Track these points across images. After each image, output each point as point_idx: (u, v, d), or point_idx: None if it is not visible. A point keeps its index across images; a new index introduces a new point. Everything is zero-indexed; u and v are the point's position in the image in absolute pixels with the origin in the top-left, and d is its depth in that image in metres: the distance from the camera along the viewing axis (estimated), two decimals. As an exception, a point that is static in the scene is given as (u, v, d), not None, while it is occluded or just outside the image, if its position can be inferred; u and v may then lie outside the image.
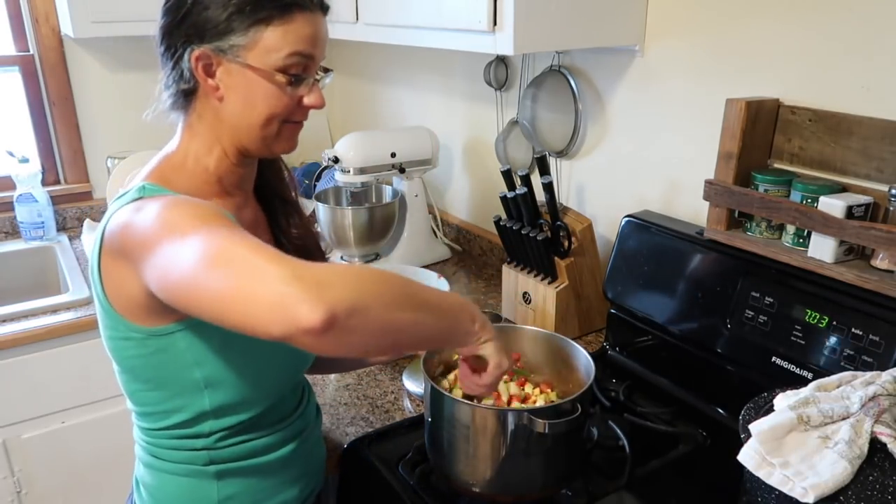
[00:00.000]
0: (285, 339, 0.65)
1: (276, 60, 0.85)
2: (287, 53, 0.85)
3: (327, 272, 0.67)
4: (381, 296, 0.70)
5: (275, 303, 0.64)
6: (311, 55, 0.87)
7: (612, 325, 1.40)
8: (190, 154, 0.91)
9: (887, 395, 0.76)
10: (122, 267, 0.80)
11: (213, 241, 0.70)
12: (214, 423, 0.92)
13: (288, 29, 0.85)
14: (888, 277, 0.98)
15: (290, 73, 0.86)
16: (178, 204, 0.78)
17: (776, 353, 1.07)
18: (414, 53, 2.10)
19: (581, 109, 1.56)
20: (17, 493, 1.81)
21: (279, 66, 0.85)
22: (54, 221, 2.19)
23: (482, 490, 0.99)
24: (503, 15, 1.20)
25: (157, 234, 0.74)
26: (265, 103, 0.87)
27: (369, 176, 1.85)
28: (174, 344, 0.86)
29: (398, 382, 1.36)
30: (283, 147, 0.93)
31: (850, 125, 1.06)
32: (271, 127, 0.89)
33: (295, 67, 0.86)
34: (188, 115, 0.91)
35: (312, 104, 0.90)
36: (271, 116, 0.88)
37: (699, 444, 1.14)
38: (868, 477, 0.71)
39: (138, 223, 0.78)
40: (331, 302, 0.64)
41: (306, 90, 0.89)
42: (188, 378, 0.89)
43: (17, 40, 2.19)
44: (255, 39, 0.84)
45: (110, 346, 0.91)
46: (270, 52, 0.84)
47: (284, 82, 0.86)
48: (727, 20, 1.23)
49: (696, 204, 1.31)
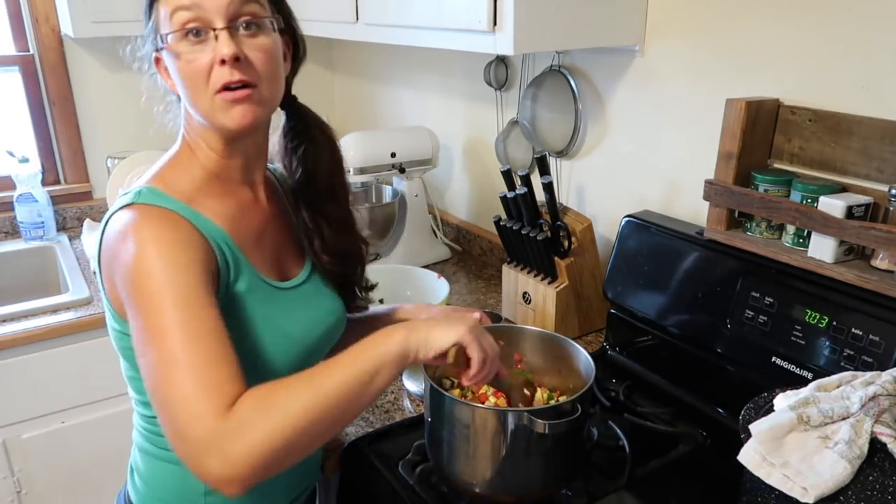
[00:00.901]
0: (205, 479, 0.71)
1: (169, 28, 0.82)
2: (170, 13, 0.82)
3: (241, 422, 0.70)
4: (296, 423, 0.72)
5: (189, 452, 0.70)
6: (193, 3, 0.81)
7: (612, 325, 1.40)
8: (186, 152, 0.91)
9: (887, 395, 0.76)
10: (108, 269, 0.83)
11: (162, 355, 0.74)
12: None
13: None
14: (888, 277, 0.98)
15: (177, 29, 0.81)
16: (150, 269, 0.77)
17: (776, 353, 1.07)
18: (414, 53, 2.10)
19: (581, 109, 1.56)
20: (17, 493, 1.81)
21: (171, 31, 0.82)
22: (54, 221, 2.19)
23: (482, 490, 0.99)
24: (503, 15, 1.20)
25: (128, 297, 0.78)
26: (180, 75, 0.84)
27: (369, 176, 1.85)
28: None
29: (398, 382, 1.36)
30: (224, 120, 0.84)
31: (850, 125, 1.06)
32: (203, 100, 0.84)
33: (185, 23, 0.81)
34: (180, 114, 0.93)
35: (220, 57, 0.81)
36: (193, 87, 0.83)
37: (699, 444, 1.14)
38: (868, 477, 0.71)
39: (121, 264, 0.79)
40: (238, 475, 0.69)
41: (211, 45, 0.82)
42: None
43: (17, 40, 2.19)
44: (156, 19, 0.84)
45: (111, 335, 0.92)
46: (164, 22, 0.83)
47: (177, 42, 0.82)
48: (727, 20, 1.23)
49: (696, 204, 1.31)
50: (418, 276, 1.62)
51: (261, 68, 0.84)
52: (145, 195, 0.84)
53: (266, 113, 0.89)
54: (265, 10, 0.86)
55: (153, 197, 0.84)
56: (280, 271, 0.98)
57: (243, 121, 0.84)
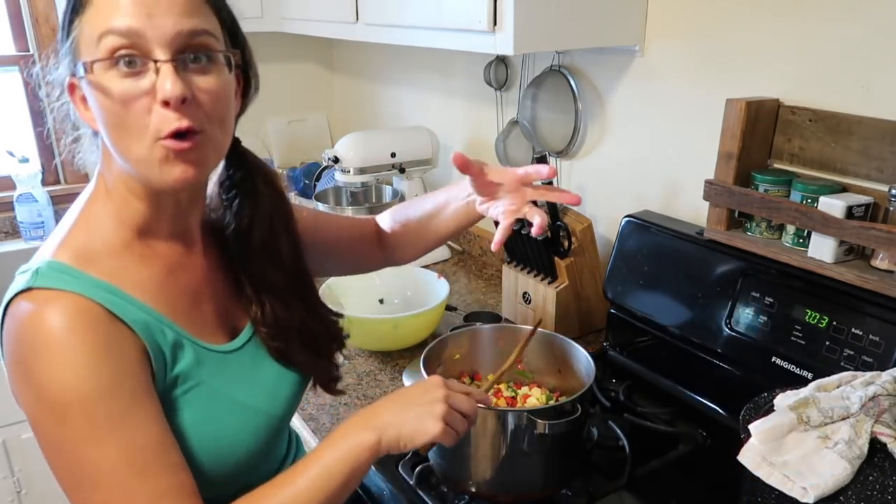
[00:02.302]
0: None
1: (94, 53, 0.65)
2: (97, 37, 0.65)
3: None
4: None
5: None
6: (131, 28, 0.64)
7: (612, 325, 1.40)
8: (104, 206, 0.75)
9: (887, 395, 0.76)
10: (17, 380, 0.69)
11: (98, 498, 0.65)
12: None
13: (97, 4, 0.65)
14: (888, 277, 0.98)
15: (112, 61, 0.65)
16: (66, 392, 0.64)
17: (776, 353, 1.07)
18: (414, 53, 2.10)
19: (581, 109, 1.56)
20: (17, 493, 1.81)
21: (97, 59, 0.65)
22: (54, 221, 2.19)
23: (482, 490, 0.99)
24: (503, 15, 1.20)
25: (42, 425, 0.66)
26: (104, 113, 0.67)
27: (369, 176, 1.85)
28: None
29: (398, 382, 1.36)
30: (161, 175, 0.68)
31: (850, 125, 1.06)
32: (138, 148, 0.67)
33: (116, 50, 0.65)
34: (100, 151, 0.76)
35: (161, 98, 0.65)
36: (122, 130, 0.67)
37: (699, 444, 1.14)
38: (868, 477, 0.71)
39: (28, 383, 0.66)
40: None
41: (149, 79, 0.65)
42: None
43: (17, 40, 2.19)
44: (77, 39, 0.67)
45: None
46: (88, 45, 0.66)
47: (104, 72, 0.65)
48: (727, 20, 1.23)
49: (696, 204, 1.31)
50: (418, 276, 1.62)
51: (210, 111, 0.69)
52: (47, 275, 0.68)
53: (212, 166, 0.74)
54: (219, 42, 0.71)
55: (59, 278, 0.68)
56: (227, 328, 0.83)
57: (184, 180, 0.69)
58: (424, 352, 1.05)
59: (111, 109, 0.67)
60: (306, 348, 0.88)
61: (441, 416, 0.76)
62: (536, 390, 1.11)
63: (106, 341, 0.67)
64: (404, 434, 0.75)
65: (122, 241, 0.75)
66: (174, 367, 0.74)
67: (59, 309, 0.66)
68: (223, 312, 0.84)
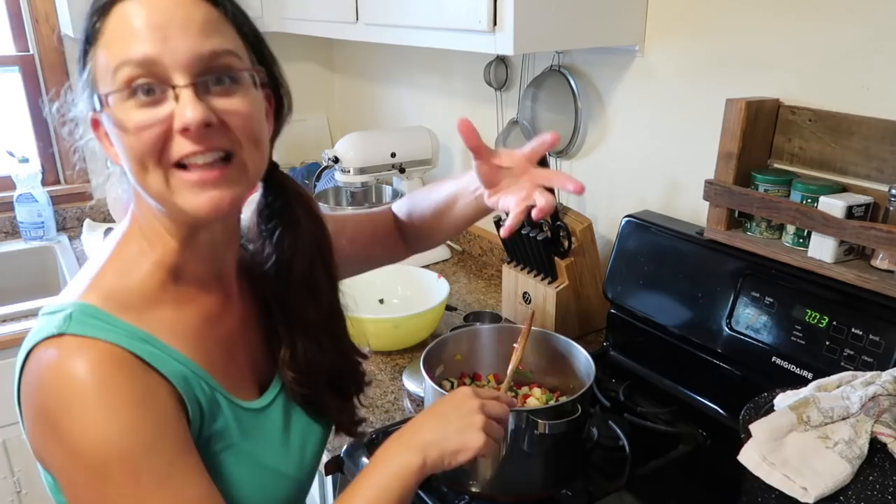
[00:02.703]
0: None
1: (111, 85, 0.62)
2: (114, 67, 0.61)
3: None
4: None
5: None
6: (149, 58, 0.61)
7: (612, 325, 1.40)
8: (138, 245, 0.71)
9: (887, 395, 0.76)
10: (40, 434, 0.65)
11: None
12: None
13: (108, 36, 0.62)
14: (888, 277, 0.98)
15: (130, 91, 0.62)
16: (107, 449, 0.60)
17: (776, 353, 1.07)
18: (414, 53, 2.10)
19: (581, 109, 1.56)
20: (17, 493, 1.81)
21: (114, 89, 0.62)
22: (54, 221, 2.20)
23: (482, 490, 0.99)
24: (503, 15, 1.20)
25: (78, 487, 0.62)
26: (121, 146, 0.64)
27: (369, 176, 1.85)
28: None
29: (398, 382, 1.36)
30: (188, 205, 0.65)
31: (850, 125, 1.06)
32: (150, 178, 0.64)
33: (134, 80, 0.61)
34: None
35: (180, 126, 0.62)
36: (137, 162, 0.63)
37: (699, 444, 1.14)
38: (868, 477, 0.71)
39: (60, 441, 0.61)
40: None
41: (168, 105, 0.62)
42: None
43: (17, 40, 2.19)
44: (93, 69, 0.64)
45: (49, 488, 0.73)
46: (104, 76, 0.63)
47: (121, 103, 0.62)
48: (727, 20, 1.23)
49: (696, 204, 1.31)
50: (418, 276, 1.62)
51: (241, 132, 0.65)
52: (80, 321, 0.63)
53: (246, 191, 0.69)
54: (243, 61, 0.67)
55: (92, 325, 0.63)
56: (256, 382, 0.80)
57: (217, 209, 0.65)
58: (424, 352, 1.05)
59: (129, 142, 0.63)
60: (334, 392, 0.85)
61: (481, 427, 0.75)
62: (536, 390, 1.11)
63: (144, 393, 0.63)
64: (447, 452, 0.73)
65: (157, 283, 0.70)
66: (211, 425, 0.70)
67: (92, 359, 0.62)
68: (253, 365, 0.80)
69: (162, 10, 0.61)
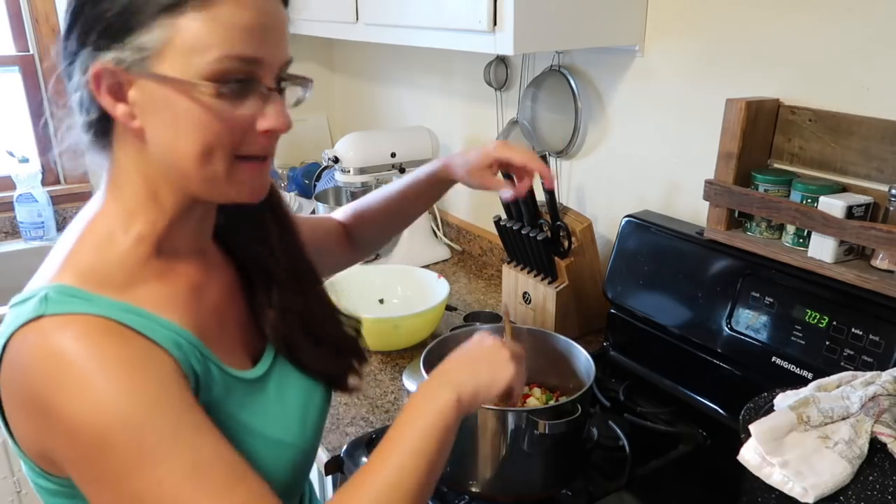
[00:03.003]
0: None
1: (201, 66, 0.60)
2: (217, 56, 0.60)
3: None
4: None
5: None
6: (255, 58, 0.61)
7: (612, 325, 1.40)
8: (117, 220, 0.67)
9: (887, 395, 0.76)
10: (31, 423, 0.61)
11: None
12: None
13: (214, 17, 0.59)
14: (888, 277, 0.98)
15: (222, 82, 0.60)
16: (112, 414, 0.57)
17: (776, 353, 1.07)
18: (414, 53, 2.10)
19: (581, 109, 1.56)
20: (17, 493, 1.81)
21: (206, 75, 0.60)
22: (54, 221, 2.20)
23: (482, 490, 0.99)
24: (503, 15, 1.20)
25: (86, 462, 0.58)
26: (191, 130, 0.61)
27: (369, 176, 1.85)
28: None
29: (398, 382, 1.36)
30: (240, 192, 0.67)
31: (850, 125, 1.06)
32: (213, 165, 0.63)
33: (231, 74, 0.61)
34: (111, 156, 0.67)
35: (270, 127, 0.64)
36: (207, 149, 0.62)
37: (699, 444, 1.14)
38: (868, 477, 0.71)
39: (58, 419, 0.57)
40: None
41: (258, 105, 0.63)
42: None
43: (17, 40, 2.19)
44: (167, 37, 0.59)
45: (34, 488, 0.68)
46: (191, 53, 0.59)
47: (213, 96, 0.60)
48: (727, 20, 1.23)
49: (696, 204, 1.31)
50: (418, 276, 1.62)
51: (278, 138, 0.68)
52: (57, 301, 0.60)
53: None
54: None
55: (70, 302, 0.60)
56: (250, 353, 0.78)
57: (260, 196, 0.69)
58: (424, 352, 1.05)
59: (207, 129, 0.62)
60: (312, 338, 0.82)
61: (509, 358, 0.77)
62: (536, 390, 1.11)
63: (139, 356, 0.60)
64: (481, 386, 0.74)
65: (139, 258, 0.67)
66: (207, 395, 0.68)
67: (78, 331, 0.59)
68: (244, 335, 0.78)
69: (269, 14, 0.62)
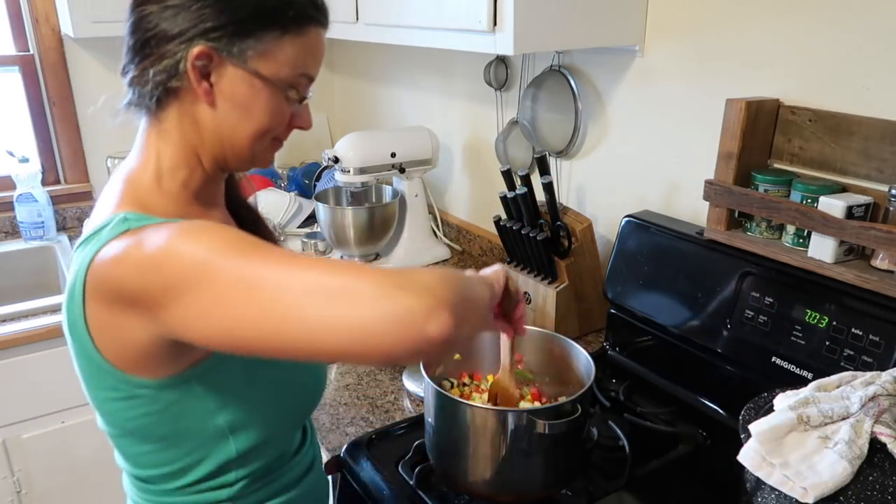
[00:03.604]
0: (414, 356, 0.62)
1: (288, 75, 0.79)
2: (301, 72, 0.80)
3: (422, 277, 0.63)
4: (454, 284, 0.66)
5: (403, 322, 0.59)
6: (313, 77, 0.83)
7: (612, 325, 1.40)
8: (163, 169, 0.80)
9: (887, 395, 0.76)
10: (123, 315, 0.70)
11: (282, 268, 0.63)
12: (240, 472, 0.86)
13: (304, 43, 0.79)
14: (888, 277, 0.98)
15: (298, 89, 0.81)
16: (195, 232, 0.67)
17: (776, 353, 1.07)
18: (414, 53, 2.10)
19: (581, 109, 1.56)
20: (17, 493, 1.81)
21: (290, 82, 0.79)
22: (54, 221, 2.19)
23: (482, 490, 0.99)
24: (503, 15, 1.20)
25: (194, 267, 0.64)
26: (265, 116, 0.79)
27: (369, 176, 1.85)
28: (191, 391, 0.78)
29: (398, 382, 1.36)
30: (263, 162, 0.85)
31: (850, 125, 1.06)
32: (263, 141, 0.82)
33: (302, 86, 0.81)
34: (159, 119, 0.80)
35: (301, 125, 0.85)
36: (266, 130, 0.81)
37: (699, 444, 1.14)
38: (868, 477, 0.71)
39: (150, 259, 0.66)
40: (447, 304, 0.61)
41: (296, 109, 0.84)
42: (211, 426, 0.81)
43: (17, 40, 2.19)
44: (271, 48, 0.77)
45: (108, 409, 0.80)
46: (285, 64, 0.78)
47: (296, 98, 0.81)
48: (727, 20, 1.23)
49: (696, 204, 1.31)
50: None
51: None
52: (135, 219, 0.72)
53: None
54: None
55: (147, 219, 0.72)
56: None
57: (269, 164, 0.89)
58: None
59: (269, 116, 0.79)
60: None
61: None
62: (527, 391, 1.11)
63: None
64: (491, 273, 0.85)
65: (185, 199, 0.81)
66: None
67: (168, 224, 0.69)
68: None
69: (323, 45, 0.83)
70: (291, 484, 0.93)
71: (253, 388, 0.83)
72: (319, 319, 0.60)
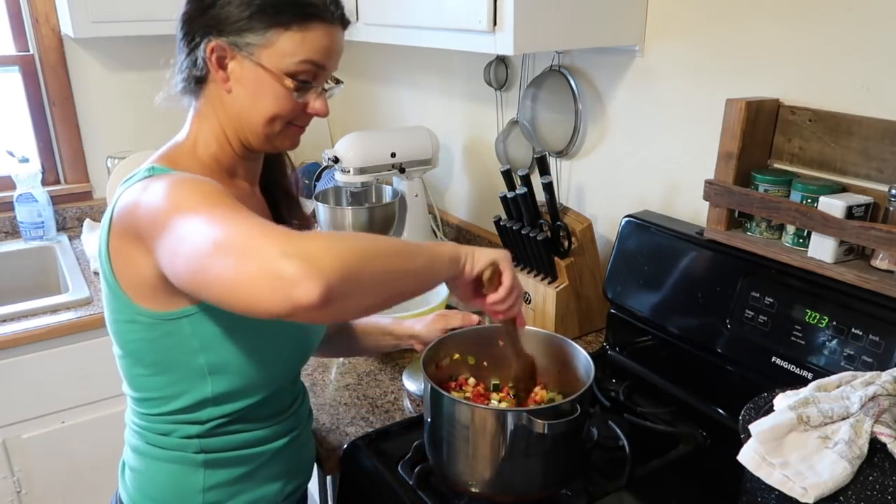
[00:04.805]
0: (288, 317, 0.68)
1: (288, 65, 0.87)
2: (300, 60, 0.87)
3: (314, 244, 0.68)
4: (364, 253, 0.72)
5: (273, 285, 0.66)
6: (323, 65, 0.90)
7: (612, 325, 1.40)
8: (199, 140, 0.94)
9: (887, 395, 0.76)
10: (133, 247, 0.82)
11: (215, 223, 0.71)
12: (213, 411, 0.94)
13: (305, 37, 0.87)
14: (888, 277, 0.98)
15: (298, 78, 0.88)
16: (184, 182, 0.79)
17: (776, 353, 1.07)
18: (414, 53, 2.10)
19: (581, 109, 1.56)
20: (17, 493, 1.81)
21: (290, 71, 0.88)
22: (54, 221, 2.20)
23: (482, 490, 0.98)
24: (503, 15, 1.20)
25: (166, 213, 0.76)
26: (270, 103, 0.89)
27: (369, 176, 1.85)
28: (180, 329, 0.88)
29: (398, 382, 1.36)
30: (284, 144, 0.95)
31: (850, 125, 1.06)
32: (274, 125, 0.92)
33: (305, 74, 0.89)
34: (198, 101, 0.94)
35: (316, 111, 0.93)
36: (274, 116, 0.90)
37: (699, 444, 1.14)
38: (868, 477, 0.71)
39: (147, 202, 0.79)
40: (323, 275, 0.66)
41: (313, 97, 0.92)
42: (192, 364, 0.90)
43: (17, 40, 2.19)
44: (272, 41, 0.86)
45: (115, 329, 0.92)
46: (284, 55, 0.87)
47: (292, 87, 0.88)
48: (727, 20, 1.23)
49: (696, 204, 1.31)
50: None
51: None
52: (160, 169, 0.86)
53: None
54: None
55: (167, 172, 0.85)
56: None
57: (293, 146, 0.97)
58: (424, 352, 1.05)
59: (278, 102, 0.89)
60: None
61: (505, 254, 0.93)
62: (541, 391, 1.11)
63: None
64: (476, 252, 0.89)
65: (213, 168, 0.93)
66: None
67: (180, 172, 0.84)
68: None
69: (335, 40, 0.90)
70: (258, 442, 0.99)
71: (235, 335, 0.91)
72: (217, 271, 0.69)
